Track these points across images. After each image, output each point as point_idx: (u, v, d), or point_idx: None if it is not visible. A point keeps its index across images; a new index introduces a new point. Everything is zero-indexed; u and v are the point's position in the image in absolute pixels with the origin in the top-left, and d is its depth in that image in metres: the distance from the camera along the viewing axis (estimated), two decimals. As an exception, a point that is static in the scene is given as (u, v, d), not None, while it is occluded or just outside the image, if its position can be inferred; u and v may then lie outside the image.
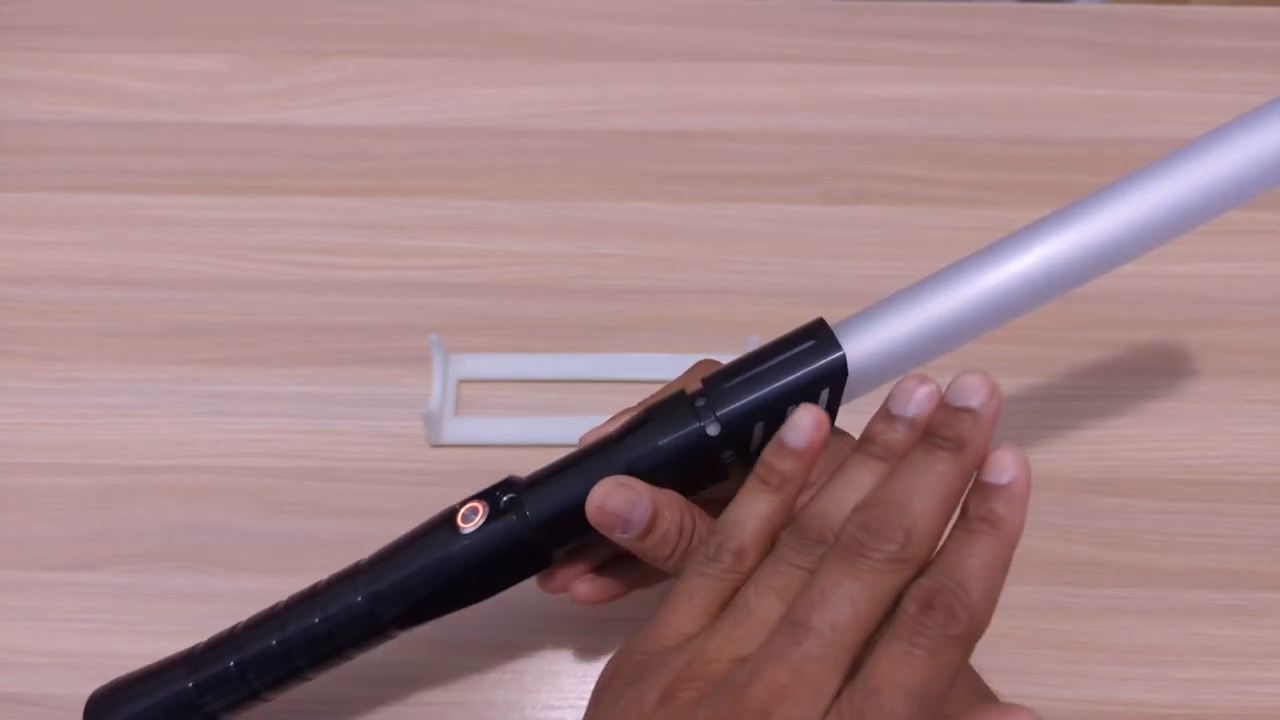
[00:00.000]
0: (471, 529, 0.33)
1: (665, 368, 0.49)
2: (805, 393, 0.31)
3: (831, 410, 0.32)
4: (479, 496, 0.34)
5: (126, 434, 0.47)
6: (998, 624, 0.43)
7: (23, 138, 0.57)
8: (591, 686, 0.28)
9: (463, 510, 0.34)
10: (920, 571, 0.26)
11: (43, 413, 0.48)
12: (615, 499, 0.31)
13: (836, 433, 0.35)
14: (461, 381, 0.49)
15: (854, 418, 0.32)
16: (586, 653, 0.42)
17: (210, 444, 0.47)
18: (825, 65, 0.60)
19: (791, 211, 0.55)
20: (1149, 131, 0.58)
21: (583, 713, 0.28)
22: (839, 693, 0.24)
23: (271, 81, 0.59)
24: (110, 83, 0.59)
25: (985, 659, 0.42)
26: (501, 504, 0.33)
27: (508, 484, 0.34)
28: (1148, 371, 0.50)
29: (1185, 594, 0.44)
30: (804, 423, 0.28)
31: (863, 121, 0.58)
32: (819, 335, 0.31)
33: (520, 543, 0.33)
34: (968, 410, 0.26)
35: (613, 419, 0.35)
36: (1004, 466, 0.26)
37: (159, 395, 0.48)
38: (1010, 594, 0.43)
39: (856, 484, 0.27)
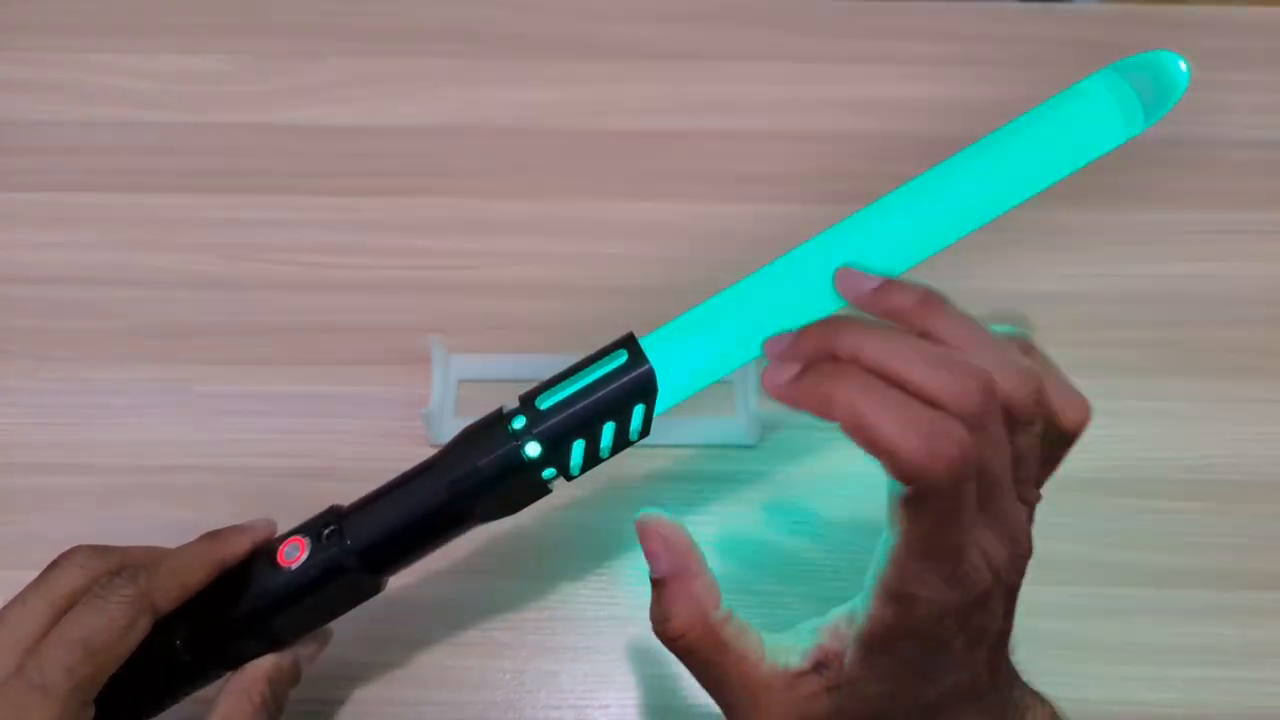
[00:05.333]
0: (294, 566, 0.33)
1: (665, 368, 0.49)
2: (618, 407, 0.31)
3: (646, 420, 0.32)
4: (300, 530, 0.34)
5: (126, 434, 0.47)
6: (998, 624, 0.43)
7: (23, 138, 0.57)
8: (591, 687, 0.28)
9: (284, 547, 0.33)
10: None
11: (43, 413, 0.48)
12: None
13: None
14: (461, 381, 0.49)
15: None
16: (586, 653, 0.41)
17: (210, 444, 0.47)
18: (825, 65, 0.60)
19: (791, 211, 0.55)
20: (1148, 131, 0.58)
21: (582, 713, 0.28)
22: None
23: (271, 81, 0.59)
24: (111, 83, 0.59)
25: (985, 659, 0.42)
26: (323, 536, 0.33)
27: (331, 512, 0.34)
28: (1148, 371, 0.50)
29: (1186, 594, 0.44)
30: None
31: (863, 121, 0.58)
32: (629, 350, 0.31)
33: (343, 572, 0.33)
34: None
35: None
36: None
37: (159, 395, 0.48)
38: (1010, 594, 0.43)
39: None
